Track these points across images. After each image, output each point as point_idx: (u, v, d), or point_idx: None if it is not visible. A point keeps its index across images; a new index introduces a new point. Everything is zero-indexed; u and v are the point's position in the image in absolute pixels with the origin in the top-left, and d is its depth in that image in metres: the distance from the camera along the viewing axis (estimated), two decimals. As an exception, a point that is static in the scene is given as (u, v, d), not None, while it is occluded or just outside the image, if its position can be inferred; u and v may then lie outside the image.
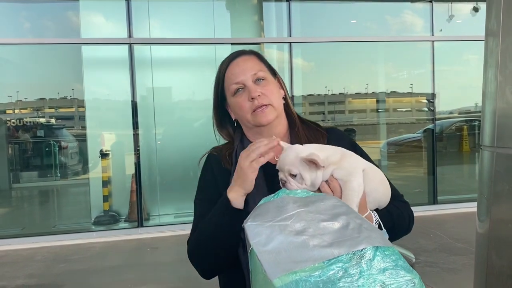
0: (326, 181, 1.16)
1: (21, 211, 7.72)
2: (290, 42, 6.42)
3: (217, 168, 1.34)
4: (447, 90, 7.57)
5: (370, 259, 0.82)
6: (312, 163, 1.11)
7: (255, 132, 1.36)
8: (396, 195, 1.36)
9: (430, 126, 7.27)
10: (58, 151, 8.22)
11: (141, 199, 6.04)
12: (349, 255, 0.81)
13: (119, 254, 5.26)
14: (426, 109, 7.61)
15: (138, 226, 5.99)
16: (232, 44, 6.60)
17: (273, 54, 7.18)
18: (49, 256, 5.22)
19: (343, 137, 1.43)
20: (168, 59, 6.84)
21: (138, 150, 6.05)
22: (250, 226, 0.82)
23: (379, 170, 1.30)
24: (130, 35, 5.92)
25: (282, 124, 1.38)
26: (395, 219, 1.30)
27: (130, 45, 5.88)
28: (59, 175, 8.32)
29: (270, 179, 1.25)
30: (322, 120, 8.82)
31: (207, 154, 1.43)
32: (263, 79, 1.32)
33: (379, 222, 1.24)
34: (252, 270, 0.85)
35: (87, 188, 6.68)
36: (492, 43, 2.27)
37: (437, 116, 7.88)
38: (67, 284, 4.32)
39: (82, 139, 7.05)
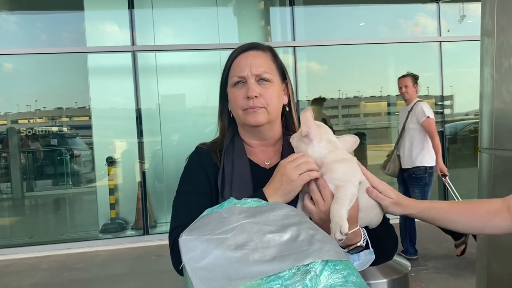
0: (318, 189, 1.10)
1: (31, 220, 7.77)
2: (294, 46, 6.36)
3: (207, 162, 1.29)
4: (463, 91, 7.44)
5: (316, 275, 0.76)
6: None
7: (246, 131, 1.32)
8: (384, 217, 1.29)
9: (441, 128, 7.10)
10: (71, 159, 8.24)
11: (147, 207, 6.01)
12: (293, 271, 0.75)
13: (124, 262, 5.23)
14: (440, 111, 7.46)
15: (143, 234, 5.97)
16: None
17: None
18: (54, 264, 5.22)
19: None
20: (174, 66, 6.84)
21: (144, 157, 6.04)
22: (185, 240, 0.76)
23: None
24: (133, 43, 5.93)
25: (274, 131, 1.32)
26: (380, 243, 1.23)
27: (134, 53, 5.89)
28: (71, 183, 8.35)
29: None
30: (336, 124, 8.74)
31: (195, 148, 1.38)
32: (267, 81, 1.26)
33: (367, 240, 1.18)
34: (185, 288, 0.79)
35: (95, 196, 6.70)
36: (487, 41, 2.18)
37: (451, 118, 7.69)
38: (70, 293, 4.31)
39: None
